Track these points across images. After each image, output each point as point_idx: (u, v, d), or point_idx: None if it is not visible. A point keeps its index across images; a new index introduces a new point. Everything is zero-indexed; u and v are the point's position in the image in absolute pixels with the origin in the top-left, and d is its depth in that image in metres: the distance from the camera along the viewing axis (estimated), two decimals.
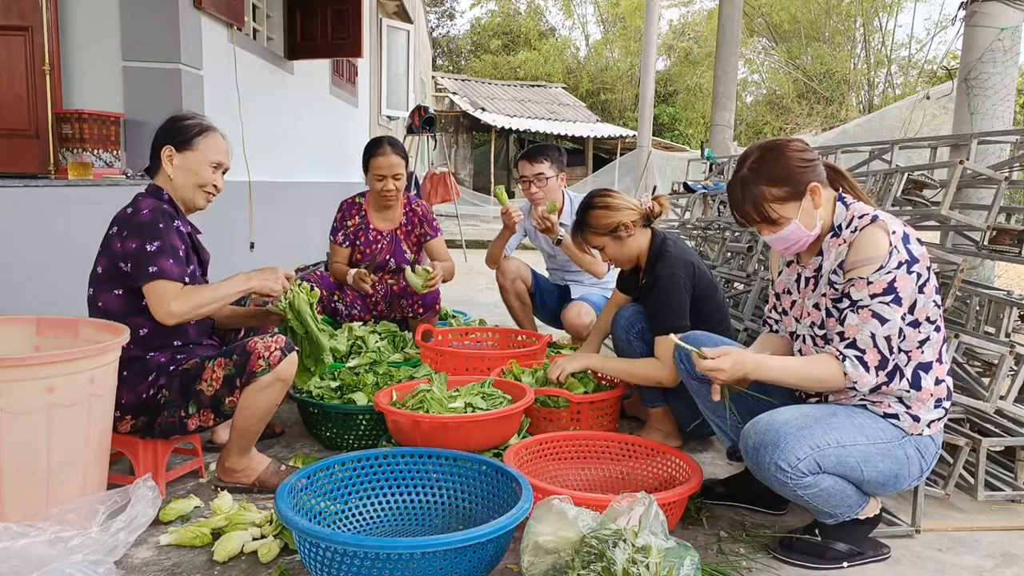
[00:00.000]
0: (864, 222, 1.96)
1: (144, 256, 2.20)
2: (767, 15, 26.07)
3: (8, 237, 2.97)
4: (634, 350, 2.85)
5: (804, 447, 1.88)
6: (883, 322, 1.88)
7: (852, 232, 1.98)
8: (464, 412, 2.47)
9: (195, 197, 2.41)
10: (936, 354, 1.98)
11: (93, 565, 1.68)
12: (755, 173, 2.00)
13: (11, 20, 3.83)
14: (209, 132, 2.42)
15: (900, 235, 1.91)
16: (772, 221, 2.01)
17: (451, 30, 33.61)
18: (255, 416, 2.27)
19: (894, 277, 1.88)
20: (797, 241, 2.05)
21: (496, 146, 20.61)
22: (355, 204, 3.92)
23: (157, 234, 2.23)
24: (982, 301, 2.83)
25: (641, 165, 14.64)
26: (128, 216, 2.28)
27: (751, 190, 2.00)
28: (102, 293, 2.29)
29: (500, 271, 3.93)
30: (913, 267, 1.90)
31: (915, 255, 1.91)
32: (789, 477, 1.89)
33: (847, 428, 1.94)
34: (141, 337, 2.28)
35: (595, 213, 2.82)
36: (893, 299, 1.88)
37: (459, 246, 10.29)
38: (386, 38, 10.77)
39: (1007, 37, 3.55)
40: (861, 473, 1.93)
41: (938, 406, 1.99)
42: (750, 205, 2.01)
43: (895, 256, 1.89)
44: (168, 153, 2.36)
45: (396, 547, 1.61)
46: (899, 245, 1.90)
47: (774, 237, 2.06)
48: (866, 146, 4.00)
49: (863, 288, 1.90)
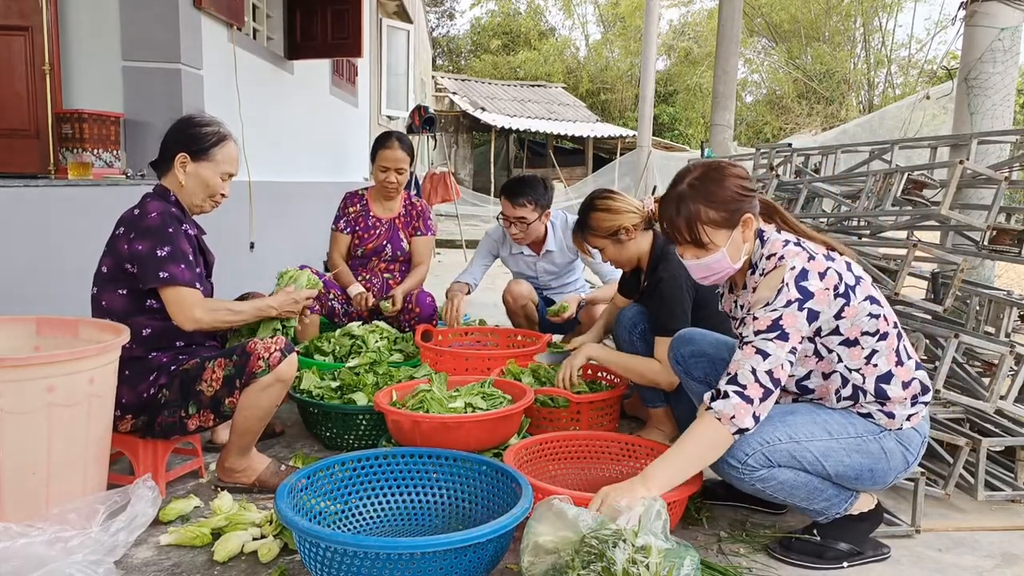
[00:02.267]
0: (770, 265, 1.95)
1: (154, 260, 2.22)
2: (767, 15, 26.07)
3: (8, 237, 2.96)
4: (636, 350, 2.85)
5: (752, 443, 1.91)
6: (765, 357, 1.86)
7: (760, 275, 1.98)
8: (464, 412, 2.47)
9: (203, 204, 2.43)
10: (893, 360, 1.96)
11: (93, 565, 1.68)
12: (695, 191, 1.96)
13: (11, 20, 3.83)
14: (225, 142, 2.42)
15: (796, 273, 1.88)
16: (701, 244, 1.96)
17: (451, 30, 33.64)
18: (255, 417, 2.27)
19: (780, 315, 1.86)
20: (717, 272, 2.02)
21: (496, 146, 20.61)
22: (357, 194, 4.05)
23: (167, 238, 2.24)
24: (982, 301, 2.84)
25: (641, 165, 14.65)
26: (135, 218, 2.29)
27: (688, 206, 1.95)
28: (106, 292, 2.30)
29: (511, 294, 3.86)
30: (805, 304, 1.86)
31: (809, 291, 1.87)
32: (740, 472, 1.93)
33: (804, 424, 1.95)
34: (144, 337, 2.29)
35: (596, 215, 2.81)
36: (778, 335, 1.85)
37: (459, 246, 10.29)
38: (386, 38, 10.77)
39: (1007, 37, 3.56)
40: (823, 467, 1.94)
41: (915, 403, 1.99)
42: (683, 222, 1.96)
43: (783, 295, 1.87)
44: (182, 160, 2.36)
45: (396, 547, 1.61)
46: (790, 283, 1.87)
47: (696, 263, 2.01)
48: (866, 146, 4.00)
49: (751, 324, 1.90)
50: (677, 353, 2.40)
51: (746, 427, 1.86)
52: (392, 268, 3.99)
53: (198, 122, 2.42)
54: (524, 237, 3.75)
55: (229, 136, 2.45)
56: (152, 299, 2.30)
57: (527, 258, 3.96)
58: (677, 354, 2.40)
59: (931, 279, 2.83)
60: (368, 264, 3.98)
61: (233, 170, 2.45)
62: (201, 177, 2.38)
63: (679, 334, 2.44)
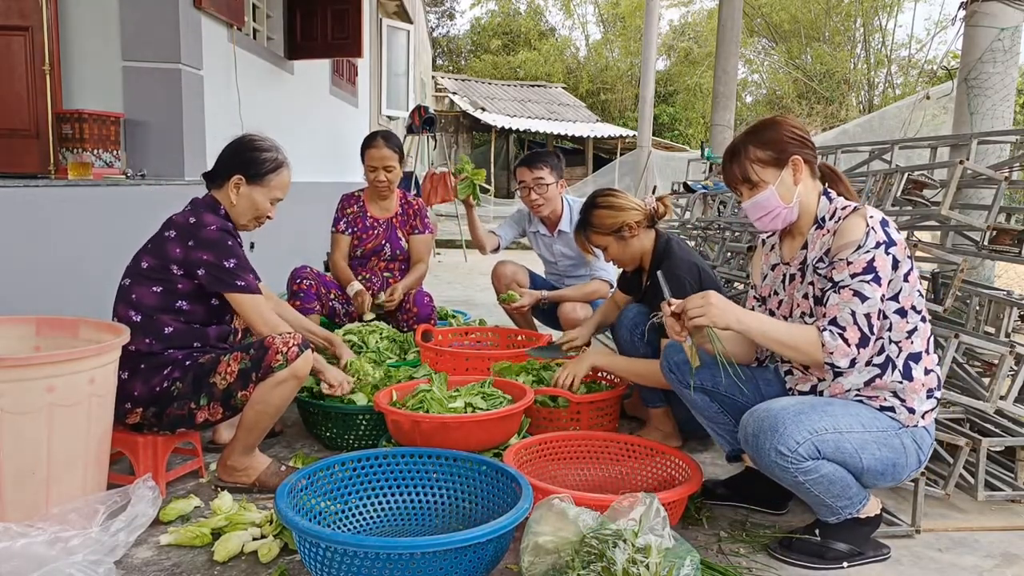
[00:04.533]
0: (846, 212, 2.02)
1: (224, 271, 2.32)
2: (767, 15, 26.06)
3: (8, 237, 2.96)
4: (637, 351, 2.85)
5: (803, 431, 1.90)
6: (863, 300, 1.91)
7: (835, 222, 2.03)
8: (464, 412, 2.47)
9: (248, 224, 2.51)
10: (924, 344, 2.02)
11: (93, 565, 1.68)
12: (748, 136, 2.12)
13: (11, 20, 3.83)
14: (280, 169, 2.50)
15: (879, 219, 1.97)
16: (751, 182, 2.09)
17: (451, 30, 33.64)
18: (266, 412, 2.28)
19: (872, 256, 1.92)
20: (771, 211, 2.09)
21: (496, 146, 20.61)
22: (353, 196, 4.07)
23: (230, 251, 2.34)
24: (982, 301, 2.83)
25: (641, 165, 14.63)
26: (191, 227, 2.34)
27: (740, 148, 2.11)
28: (139, 287, 2.33)
29: (495, 275, 3.93)
30: (890, 249, 1.94)
31: (892, 238, 1.95)
32: (789, 462, 1.90)
33: (843, 416, 1.96)
34: (166, 335, 2.31)
35: (599, 213, 2.81)
36: (872, 278, 1.92)
37: (459, 246, 10.29)
38: (386, 38, 10.78)
39: (1007, 37, 3.55)
40: (860, 460, 1.94)
41: (930, 396, 2.02)
42: (736, 164, 2.11)
43: (872, 236, 1.93)
44: (237, 181, 2.43)
45: (396, 547, 1.61)
46: (876, 227, 1.95)
47: (750, 202, 2.12)
48: (866, 146, 4.00)
49: (844, 269, 1.95)
50: (670, 361, 2.38)
51: (840, 367, 1.93)
52: (392, 267, 4.00)
53: (258, 146, 2.48)
54: (544, 204, 3.76)
55: (285, 163, 2.52)
56: (184, 300, 2.34)
57: (544, 238, 3.96)
58: (670, 362, 2.38)
59: (931, 279, 2.83)
60: (368, 264, 3.99)
61: (283, 196, 2.54)
62: (253, 200, 2.46)
63: (671, 343, 2.43)
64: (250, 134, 2.56)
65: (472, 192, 3.91)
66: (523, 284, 3.91)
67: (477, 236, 3.96)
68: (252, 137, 2.53)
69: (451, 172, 6.76)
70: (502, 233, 4.04)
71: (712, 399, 2.32)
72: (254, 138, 2.52)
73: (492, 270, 3.96)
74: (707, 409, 2.35)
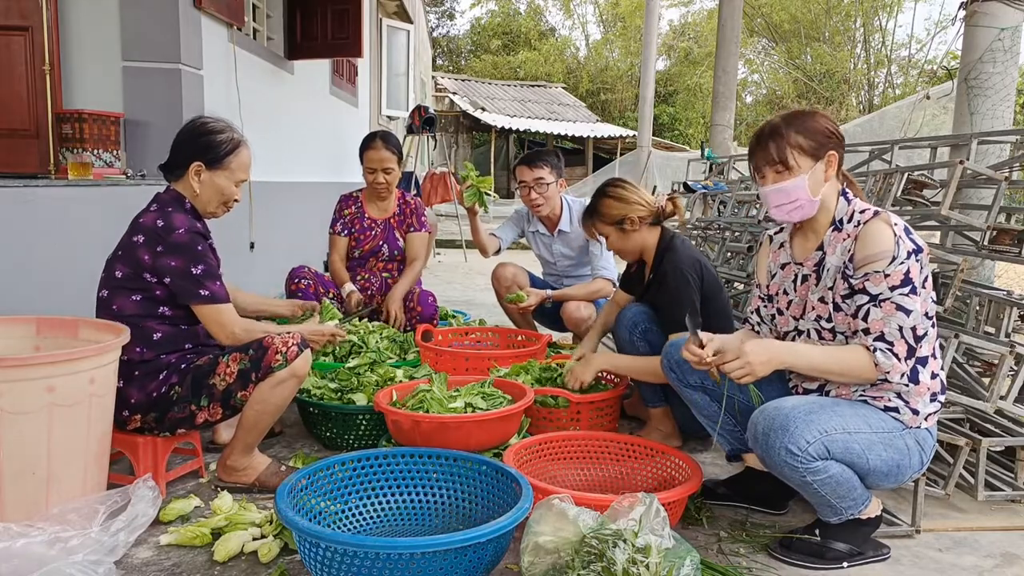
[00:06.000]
0: (867, 216, 2.00)
1: (191, 278, 2.25)
2: (767, 15, 26.07)
3: (8, 237, 2.96)
4: (637, 350, 2.85)
5: (813, 431, 1.89)
6: (908, 313, 1.91)
7: (855, 227, 2.01)
8: (464, 412, 2.47)
9: (217, 210, 2.43)
10: (931, 349, 2.01)
11: (93, 565, 1.68)
12: (786, 122, 2.06)
13: (11, 20, 3.83)
14: (239, 149, 2.41)
15: (902, 227, 1.96)
16: (786, 165, 2.02)
17: (451, 30, 33.66)
18: (266, 412, 2.27)
19: (907, 267, 1.91)
20: (795, 200, 2.04)
21: (496, 146, 20.62)
22: (351, 196, 4.07)
23: (199, 256, 2.26)
24: (982, 301, 2.83)
25: (641, 165, 14.63)
26: (159, 230, 2.25)
27: (779, 130, 2.04)
28: (118, 297, 2.28)
29: (496, 277, 3.92)
30: (919, 256, 1.94)
31: (919, 244, 1.95)
32: (799, 461, 1.90)
33: (852, 416, 1.95)
34: (155, 341, 2.29)
35: (606, 202, 2.83)
36: (911, 289, 1.91)
37: (459, 246, 10.29)
38: (386, 38, 10.77)
39: (1007, 37, 3.55)
40: (867, 461, 1.94)
41: (933, 400, 2.02)
42: (772, 145, 2.03)
43: (903, 246, 1.92)
44: (197, 169, 2.34)
45: (396, 547, 1.61)
46: (903, 235, 1.94)
47: (776, 187, 2.05)
48: (866, 146, 4.00)
49: (881, 282, 1.92)
50: (671, 360, 2.38)
51: (892, 381, 1.93)
52: (390, 267, 4.00)
53: (211, 128, 2.38)
54: (544, 203, 3.76)
55: (243, 142, 2.43)
56: (165, 306, 2.30)
57: (543, 237, 3.96)
58: (671, 361, 2.38)
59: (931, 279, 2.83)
60: (366, 264, 3.99)
61: (247, 176, 2.45)
62: (216, 186, 2.37)
63: (672, 340, 2.43)
64: (201, 116, 2.46)
65: (479, 200, 3.85)
66: (523, 286, 3.90)
67: (480, 241, 3.95)
68: (204, 120, 2.43)
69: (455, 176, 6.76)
70: (502, 235, 4.03)
71: (712, 399, 2.32)
72: (206, 121, 2.42)
73: (492, 272, 3.96)
74: (707, 409, 2.36)
